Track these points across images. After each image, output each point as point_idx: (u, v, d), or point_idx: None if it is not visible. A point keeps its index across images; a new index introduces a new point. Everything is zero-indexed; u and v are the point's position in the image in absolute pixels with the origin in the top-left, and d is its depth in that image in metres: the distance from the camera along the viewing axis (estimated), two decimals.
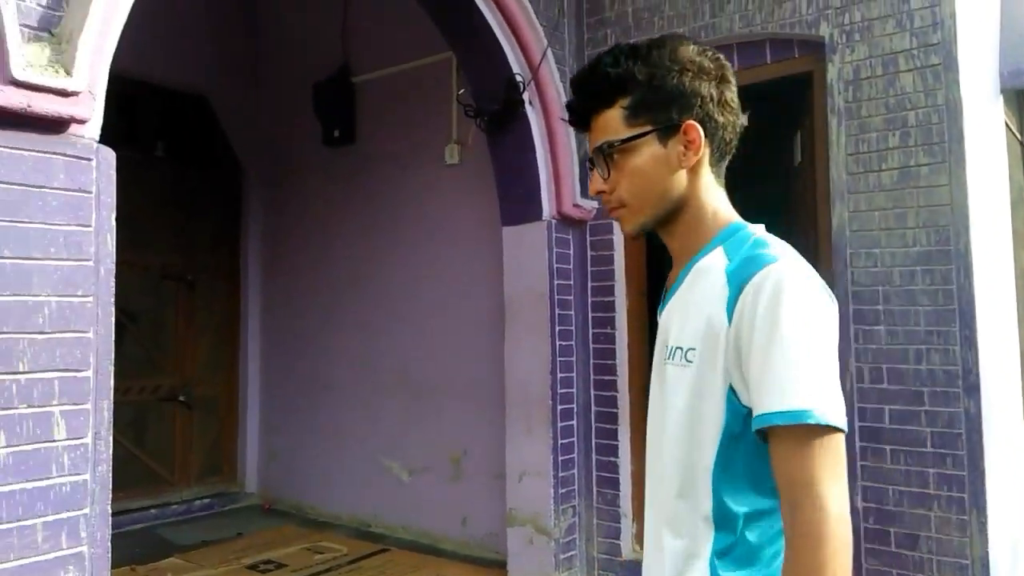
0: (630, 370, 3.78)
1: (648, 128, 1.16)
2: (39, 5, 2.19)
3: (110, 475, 2.28)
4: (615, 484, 3.77)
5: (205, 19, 5.32)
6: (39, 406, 2.13)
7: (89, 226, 2.23)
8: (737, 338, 1.06)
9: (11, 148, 2.08)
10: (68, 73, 2.12)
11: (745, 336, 1.06)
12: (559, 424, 3.72)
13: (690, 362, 1.12)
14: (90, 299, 2.23)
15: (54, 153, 2.16)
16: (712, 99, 1.17)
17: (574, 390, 3.83)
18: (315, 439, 5.26)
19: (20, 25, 2.11)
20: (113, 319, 2.30)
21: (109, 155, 2.29)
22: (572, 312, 3.86)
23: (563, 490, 3.73)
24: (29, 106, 2.06)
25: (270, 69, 5.65)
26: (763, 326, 1.04)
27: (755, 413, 1.04)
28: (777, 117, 4.93)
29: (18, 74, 2.02)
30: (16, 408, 2.09)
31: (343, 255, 5.16)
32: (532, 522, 3.70)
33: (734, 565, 1.09)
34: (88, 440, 2.23)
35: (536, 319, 3.74)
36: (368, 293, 5.02)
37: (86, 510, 2.22)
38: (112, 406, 2.29)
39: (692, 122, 1.15)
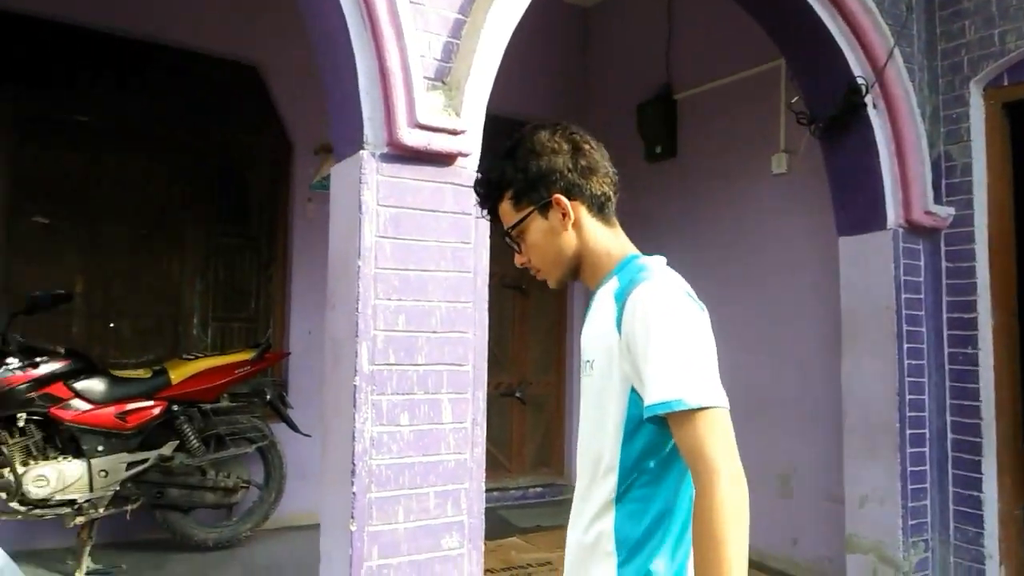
0: (998, 397, 3.37)
1: (530, 209, 1.46)
2: (435, 59, 2.63)
3: (484, 456, 2.65)
4: (978, 521, 3.39)
5: (542, 53, 5.81)
6: (432, 393, 2.55)
7: (469, 243, 2.62)
8: (630, 347, 1.31)
9: (415, 179, 2.53)
10: (457, 115, 2.53)
11: (633, 346, 1.31)
12: (908, 450, 3.45)
13: (593, 371, 1.41)
14: (470, 305, 2.62)
15: (445, 182, 2.58)
16: (569, 169, 1.45)
17: (925, 414, 3.52)
18: None
19: (423, 78, 2.56)
20: (487, 323, 2.67)
21: None
22: (923, 329, 3.55)
23: (913, 521, 3.45)
24: (429, 145, 2.49)
25: (598, 93, 6.00)
26: (641, 337, 1.29)
27: (644, 405, 1.28)
28: None
29: (422, 119, 2.45)
30: (415, 394, 2.52)
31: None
32: (875, 551, 3.47)
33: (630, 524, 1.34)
34: (468, 425, 2.61)
35: (880, 336, 3.51)
36: None
37: (466, 484, 2.60)
38: (485, 397, 2.67)
39: (557, 195, 1.44)
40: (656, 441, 1.32)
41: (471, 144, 2.62)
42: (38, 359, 3.59)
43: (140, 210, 4.63)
